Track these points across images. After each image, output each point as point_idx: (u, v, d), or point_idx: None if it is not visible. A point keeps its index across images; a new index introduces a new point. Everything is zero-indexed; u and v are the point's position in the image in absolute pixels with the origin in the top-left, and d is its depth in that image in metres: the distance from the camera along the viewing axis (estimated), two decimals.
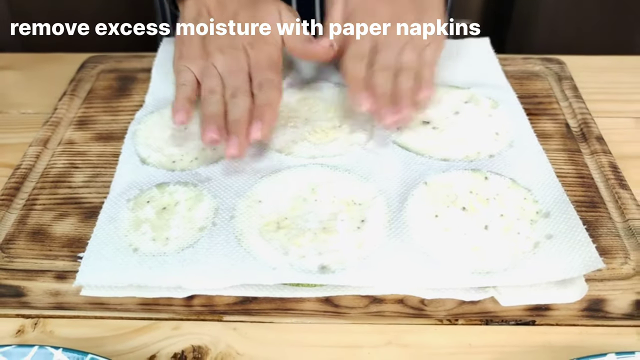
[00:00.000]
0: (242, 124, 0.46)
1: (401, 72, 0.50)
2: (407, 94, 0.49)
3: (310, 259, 0.40)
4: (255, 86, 0.49)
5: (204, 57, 0.52)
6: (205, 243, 0.41)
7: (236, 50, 0.51)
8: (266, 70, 0.50)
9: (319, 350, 0.39)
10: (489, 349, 0.39)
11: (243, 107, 0.47)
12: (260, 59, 0.51)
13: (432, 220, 0.43)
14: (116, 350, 0.39)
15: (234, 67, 0.51)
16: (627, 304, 0.39)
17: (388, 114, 0.47)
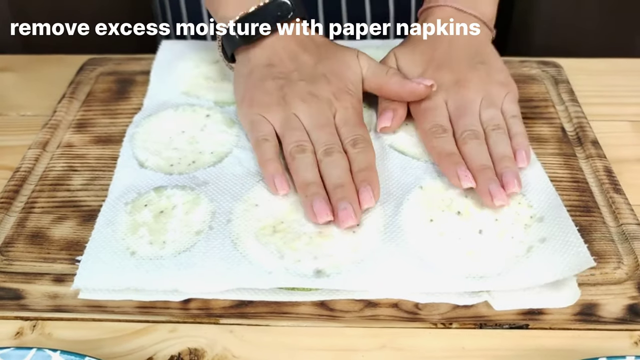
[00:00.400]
0: (351, 190, 0.43)
1: (491, 135, 0.46)
2: (509, 162, 0.45)
3: (305, 263, 0.40)
4: (348, 144, 0.46)
5: (282, 106, 0.48)
6: (202, 247, 0.42)
7: (320, 100, 0.48)
8: (357, 125, 0.47)
9: (313, 354, 0.40)
10: (483, 353, 0.40)
11: (344, 169, 0.44)
12: (347, 112, 0.48)
13: (427, 225, 0.43)
14: (114, 353, 0.40)
15: (321, 120, 0.47)
16: (620, 309, 0.40)
17: (497, 192, 0.43)
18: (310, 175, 0.44)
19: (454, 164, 0.45)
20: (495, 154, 0.45)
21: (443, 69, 0.51)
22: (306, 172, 0.44)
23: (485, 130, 0.47)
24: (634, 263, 0.42)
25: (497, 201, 0.42)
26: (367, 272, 0.40)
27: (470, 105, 0.48)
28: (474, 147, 0.46)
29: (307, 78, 0.49)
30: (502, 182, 0.44)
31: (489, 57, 0.53)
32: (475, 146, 0.46)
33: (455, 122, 0.48)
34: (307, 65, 0.50)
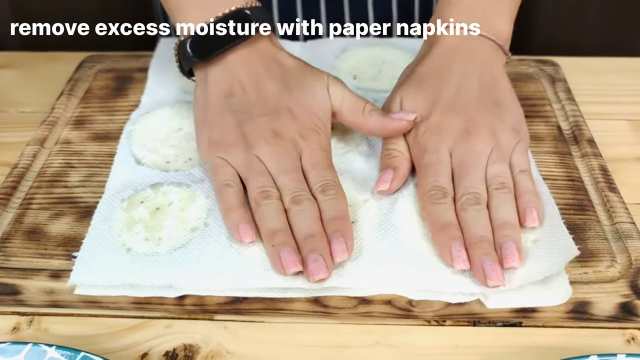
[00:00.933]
0: (322, 241, 0.40)
1: (494, 196, 0.42)
2: (510, 230, 0.40)
3: None
4: (317, 190, 0.42)
5: (243, 147, 0.44)
6: (197, 243, 0.42)
7: (284, 141, 0.43)
8: (326, 169, 0.43)
9: (307, 350, 0.40)
10: (476, 350, 0.40)
11: (314, 218, 0.41)
12: (315, 154, 0.44)
13: (421, 223, 0.43)
14: (109, 348, 0.40)
15: (287, 164, 0.43)
16: (612, 307, 0.40)
17: (490, 271, 0.38)
18: (277, 223, 0.41)
19: (449, 239, 0.40)
20: (495, 219, 0.41)
21: (450, 113, 0.45)
22: (272, 220, 0.41)
23: (488, 189, 0.43)
24: (627, 261, 0.42)
25: (489, 282, 0.38)
26: (361, 269, 0.40)
27: (476, 159, 0.43)
28: (473, 214, 0.41)
29: (270, 112, 0.44)
30: (501, 254, 0.40)
31: (503, 96, 0.47)
32: (474, 213, 0.41)
33: (458, 180, 0.43)
34: (271, 96, 0.45)
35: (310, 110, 0.45)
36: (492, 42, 0.48)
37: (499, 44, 0.48)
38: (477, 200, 0.42)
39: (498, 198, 0.42)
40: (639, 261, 0.42)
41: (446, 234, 0.41)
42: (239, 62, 0.46)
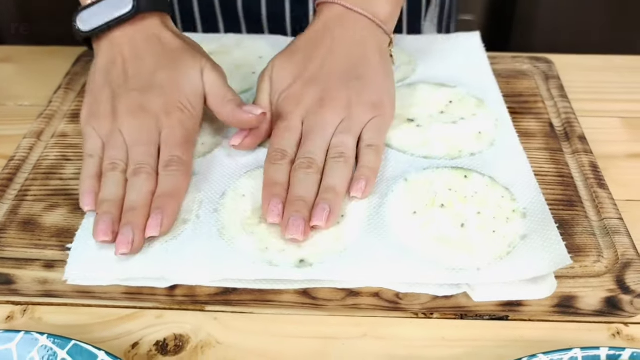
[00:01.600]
0: (139, 215, 0.42)
1: (329, 164, 0.44)
2: (331, 195, 0.43)
3: (289, 252, 0.41)
4: (161, 164, 0.44)
5: (110, 119, 0.46)
6: (189, 235, 0.43)
7: (147, 115, 0.46)
8: (177, 146, 0.45)
9: (296, 341, 0.40)
10: (462, 343, 0.40)
11: (144, 192, 0.43)
12: (173, 131, 0.46)
13: (410, 217, 0.44)
14: (102, 337, 0.41)
15: (141, 136, 0.45)
16: (597, 301, 0.40)
17: (291, 226, 0.41)
18: (110, 194, 0.43)
19: (270, 195, 0.43)
20: (322, 185, 0.43)
21: (311, 85, 0.48)
22: (108, 190, 0.43)
23: (327, 157, 0.45)
24: (614, 257, 0.42)
25: (287, 233, 0.41)
26: (349, 262, 0.41)
27: (322, 128, 0.46)
28: (300, 177, 0.43)
29: (141, 88, 0.47)
30: (312, 214, 0.42)
31: (370, 72, 0.49)
32: (302, 176, 0.43)
33: (301, 147, 0.46)
34: (146, 72, 0.47)
35: (180, 89, 0.47)
36: (370, 20, 0.50)
37: (377, 22, 0.50)
38: (309, 165, 0.44)
39: (331, 166, 0.44)
40: (626, 256, 0.42)
41: (270, 191, 0.43)
42: (123, 38, 0.48)
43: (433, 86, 0.56)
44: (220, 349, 0.40)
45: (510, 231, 0.43)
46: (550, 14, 1.41)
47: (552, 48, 0.70)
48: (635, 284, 0.40)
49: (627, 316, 0.41)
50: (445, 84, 0.56)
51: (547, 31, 1.41)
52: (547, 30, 1.42)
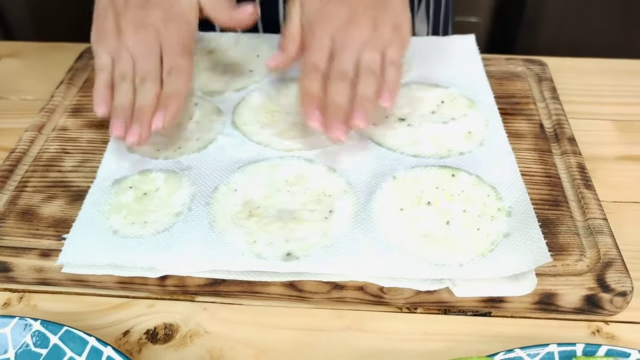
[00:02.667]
0: (146, 113, 0.48)
1: (361, 77, 0.48)
2: (365, 102, 0.47)
3: (277, 245, 0.42)
4: (164, 72, 0.50)
5: (115, 37, 0.51)
6: (180, 227, 0.44)
7: (147, 30, 0.50)
8: (177, 55, 0.50)
9: (281, 332, 0.42)
10: (444, 337, 0.41)
11: (150, 95, 0.48)
12: (172, 42, 0.50)
13: (397, 214, 0.45)
14: (94, 325, 0.42)
15: (145, 50, 0.50)
16: (578, 299, 0.41)
17: (334, 127, 0.46)
18: (122, 100, 0.49)
19: (309, 102, 0.47)
20: (356, 93, 0.47)
21: (339, 5, 0.51)
22: (119, 97, 0.49)
23: (358, 72, 0.48)
24: (596, 256, 0.43)
25: (332, 134, 0.46)
26: (334, 256, 0.42)
27: (351, 44, 0.49)
28: (336, 86, 0.47)
29: (140, 5, 0.51)
30: (351, 115, 0.46)
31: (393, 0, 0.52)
32: (338, 86, 0.47)
33: (332, 61, 0.49)
34: None
35: (175, 2, 0.52)
36: None
37: None
38: (343, 76, 0.48)
39: (364, 78, 0.48)
40: (608, 256, 0.43)
41: (309, 99, 0.48)
42: None
43: (426, 86, 0.57)
44: (209, 338, 0.41)
45: (495, 229, 0.44)
46: (556, 17, 1.41)
47: (558, 51, 0.70)
48: (616, 283, 0.41)
49: (607, 314, 0.42)
50: (438, 85, 0.57)
51: (554, 34, 1.41)
52: (554, 32, 1.43)
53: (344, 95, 0.47)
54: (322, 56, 0.49)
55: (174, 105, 0.48)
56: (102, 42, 0.51)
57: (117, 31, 0.51)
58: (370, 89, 0.47)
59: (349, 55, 0.49)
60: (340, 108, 0.47)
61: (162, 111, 0.48)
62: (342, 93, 0.47)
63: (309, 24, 0.51)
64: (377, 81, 0.48)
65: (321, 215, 0.44)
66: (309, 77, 0.49)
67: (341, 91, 0.47)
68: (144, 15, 0.51)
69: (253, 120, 0.54)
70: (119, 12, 0.51)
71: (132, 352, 0.40)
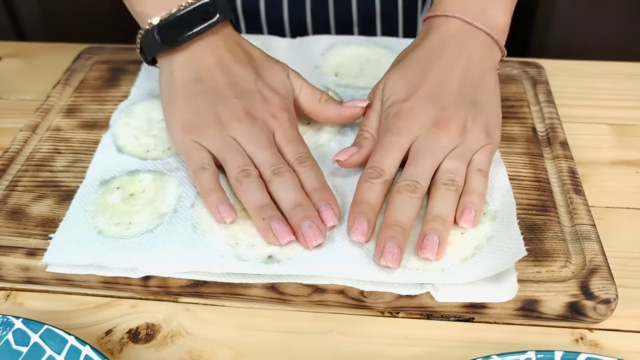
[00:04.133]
0: (312, 208, 0.42)
1: (438, 189, 0.42)
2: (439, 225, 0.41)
3: (258, 248, 0.42)
4: (295, 162, 0.45)
5: (218, 128, 0.45)
6: (164, 229, 0.44)
7: (257, 120, 0.46)
8: (299, 143, 0.46)
9: (261, 334, 0.42)
10: (425, 342, 0.41)
11: (298, 187, 0.43)
12: (287, 131, 0.46)
13: (380, 216, 0.44)
14: (78, 324, 0.43)
15: (263, 141, 0.45)
16: (560, 306, 0.41)
17: (386, 252, 0.40)
18: (263, 198, 0.43)
19: (357, 212, 0.42)
20: (430, 211, 0.42)
21: (426, 102, 0.45)
22: (257, 196, 0.43)
23: (437, 182, 0.43)
24: (582, 263, 0.43)
25: (382, 260, 0.40)
26: (315, 260, 0.42)
27: (434, 152, 0.44)
28: (401, 200, 0.41)
29: (240, 95, 0.46)
30: (421, 244, 0.40)
31: (485, 96, 0.47)
32: (403, 199, 0.41)
33: (406, 167, 0.44)
34: (241, 80, 0.47)
35: (278, 92, 0.48)
36: (488, 36, 0.48)
37: (494, 38, 0.48)
38: (412, 189, 0.42)
39: (442, 192, 0.42)
40: (593, 262, 0.42)
41: (358, 208, 0.42)
42: (205, 48, 0.48)
43: None
44: (189, 339, 0.41)
45: (479, 233, 0.43)
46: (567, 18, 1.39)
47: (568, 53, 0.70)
48: (600, 290, 0.41)
49: (591, 322, 0.41)
50: None
51: (564, 35, 1.40)
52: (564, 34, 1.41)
53: (408, 212, 0.41)
54: (392, 159, 0.44)
55: (332, 197, 0.43)
56: (196, 134, 0.46)
57: (218, 122, 0.45)
58: (446, 208, 0.42)
59: (427, 163, 0.43)
60: (400, 229, 0.40)
61: (328, 205, 0.42)
62: (407, 209, 0.41)
63: (389, 118, 0.46)
64: (457, 197, 0.43)
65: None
66: (367, 182, 0.43)
67: (406, 207, 0.41)
68: (248, 106, 0.46)
69: None
70: (213, 102, 0.46)
71: (113, 351, 0.41)
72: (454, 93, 0.46)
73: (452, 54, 0.47)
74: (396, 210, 0.41)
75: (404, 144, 0.44)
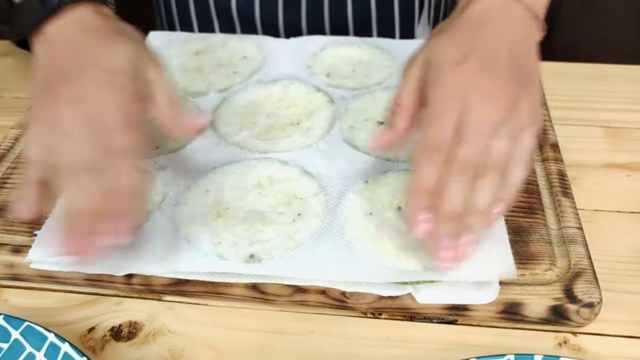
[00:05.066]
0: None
1: (485, 174, 0.39)
2: (478, 219, 0.40)
3: (241, 247, 0.42)
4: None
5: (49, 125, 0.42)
6: (148, 227, 0.44)
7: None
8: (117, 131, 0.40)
9: (243, 334, 0.42)
10: (406, 344, 0.41)
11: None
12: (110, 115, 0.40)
13: (365, 218, 0.44)
14: (62, 321, 0.43)
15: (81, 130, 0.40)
16: (543, 309, 0.40)
17: (444, 251, 0.39)
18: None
19: (419, 201, 0.40)
20: (473, 200, 0.40)
21: (479, 72, 0.41)
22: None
23: (485, 163, 0.40)
24: (567, 266, 0.42)
25: (440, 258, 0.39)
26: (296, 260, 0.41)
27: (486, 128, 0.40)
28: (457, 185, 0.39)
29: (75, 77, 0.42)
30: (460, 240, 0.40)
31: (532, 72, 0.44)
32: (458, 184, 0.39)
33: (460, 139, 0.40)
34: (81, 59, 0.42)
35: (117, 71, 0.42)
36: (530, 12, 0.45)
37: (537, 15, 0.45)
38: (466, 171, 0.39)
39: (487, 179, 0.40)
40: (578, 266, 0.42)
41: (419, 196, 0.40)
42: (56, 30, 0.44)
43: None
44: (171, 338, 0.41)
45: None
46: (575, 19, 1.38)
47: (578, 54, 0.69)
48: (583, 294, 0.40)
49: (575, 325, 0.41)
50: None
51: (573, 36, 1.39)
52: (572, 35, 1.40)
53: (462, 197, 0.39)
54: (448, 130, 0.40)
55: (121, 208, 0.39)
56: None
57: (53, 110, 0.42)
58: (488, 198, 0.40)
59: (479, 141, 0.40)
60: (455, 220, 0.39)
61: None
62: (461, 195, 0.39)
63: (435, 86, 0.42)
64: (500, 182, 0.40)
65: (289, 218, 0.44)
66: (428, 161, 0.40)
67: (461, 192, 0.39)
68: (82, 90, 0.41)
69: (232, 122, 0.54)
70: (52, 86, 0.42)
71: (95, 348, 0.41)
72: (505, 65, 0.42)
73: (499, 25, 0.44)
74: (452, 196, 0.39)
75: (454, 114, 0.40)
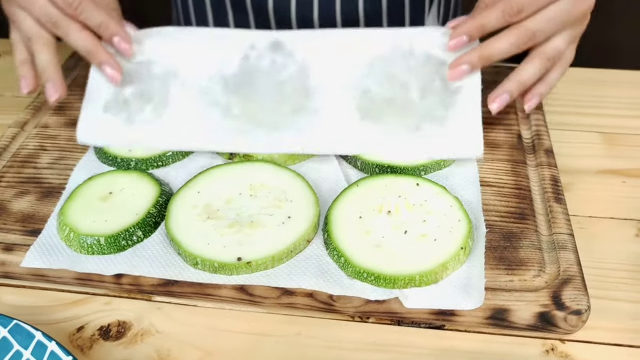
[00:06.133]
0: None
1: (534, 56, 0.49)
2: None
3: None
4: None
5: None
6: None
7: None
8: None
9: (230, 335, 0.42)
10: (393, 349, 0.41)
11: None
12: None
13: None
14: (51, 320, 0.43)
15: None
16: (530, 316, 0.40)
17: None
18: None
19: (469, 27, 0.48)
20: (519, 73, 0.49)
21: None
22: None
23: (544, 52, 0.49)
24: (556, 272, 0.42)
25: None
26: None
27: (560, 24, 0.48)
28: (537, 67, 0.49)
29: None
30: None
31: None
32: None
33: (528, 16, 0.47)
34: None
35: None
36: None
37: None
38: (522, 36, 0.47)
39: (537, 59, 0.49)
40: (568, 273, 0.42)
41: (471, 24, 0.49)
42: None
43: None
44: (159, 338, 0.42)
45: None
46: None
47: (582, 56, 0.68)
48: (571, 301, 0.40)
49: (563, 333, 0.41)
50: None
51: None
52: None
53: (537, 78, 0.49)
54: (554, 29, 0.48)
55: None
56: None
57: None
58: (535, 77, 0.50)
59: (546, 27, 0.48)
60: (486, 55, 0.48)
61: None
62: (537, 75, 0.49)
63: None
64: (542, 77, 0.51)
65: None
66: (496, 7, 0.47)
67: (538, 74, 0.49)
68: None
69: None
70: None
71: (83, 348, 0.41)
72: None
73: None
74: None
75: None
